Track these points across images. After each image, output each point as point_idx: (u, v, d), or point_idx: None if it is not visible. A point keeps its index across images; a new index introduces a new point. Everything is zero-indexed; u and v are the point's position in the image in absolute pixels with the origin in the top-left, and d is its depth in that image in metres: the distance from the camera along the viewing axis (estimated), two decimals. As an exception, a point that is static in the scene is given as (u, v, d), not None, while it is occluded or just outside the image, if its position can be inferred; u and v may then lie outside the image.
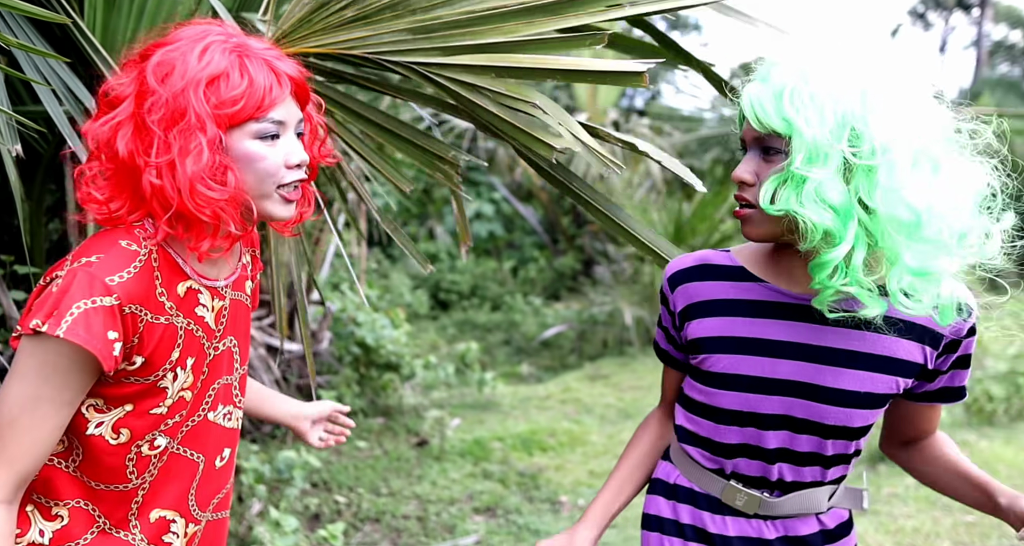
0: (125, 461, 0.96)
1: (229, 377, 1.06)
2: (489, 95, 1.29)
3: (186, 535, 1.05)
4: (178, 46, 0.90)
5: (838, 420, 0.99)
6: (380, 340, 3.93)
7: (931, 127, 0.90)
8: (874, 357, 0.98)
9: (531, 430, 4.08)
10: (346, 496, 3.15)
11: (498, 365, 6.07)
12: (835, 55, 0.92)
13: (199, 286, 0.98)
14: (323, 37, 1.42)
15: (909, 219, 0.86)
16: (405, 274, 7.58)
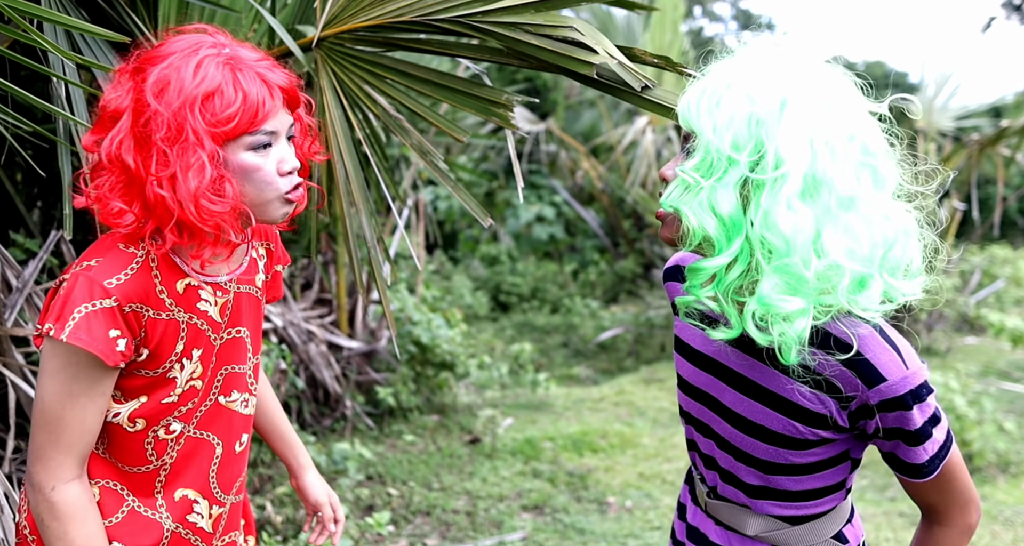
0: (144, 445, 1.04)
1: (241, 366, 1.11)
2: (531, 29, 1.37)
3: (211, 516, 1.11)
4: (171, 62, 0.92)
5: (740, 444, 0.98)
6: (435, 339, 4.03)
7: (850, 156, 0.84)
8: (766, 391, 0.94)
9: (582, 431, 4.10)
10: (399, 489, 3.25)
11: (555, 367, 6.11)
12: (773, 60, 0.87)
13: (199, 283, 1.03)
14: (372, 10, 1.51)
15: (777, 246, 0.82)
16: (467, 277, 7.71)
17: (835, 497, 1.00)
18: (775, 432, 0.95)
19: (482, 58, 1.55)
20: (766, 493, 0.99)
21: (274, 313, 3.31)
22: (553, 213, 8.11)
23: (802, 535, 1.00)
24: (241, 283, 1.10)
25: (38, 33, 1.29)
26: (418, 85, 1.55)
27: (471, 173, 5.61)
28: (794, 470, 0.96)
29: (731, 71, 0.87)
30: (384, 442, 3.75)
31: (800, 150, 0.82)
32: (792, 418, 0.93)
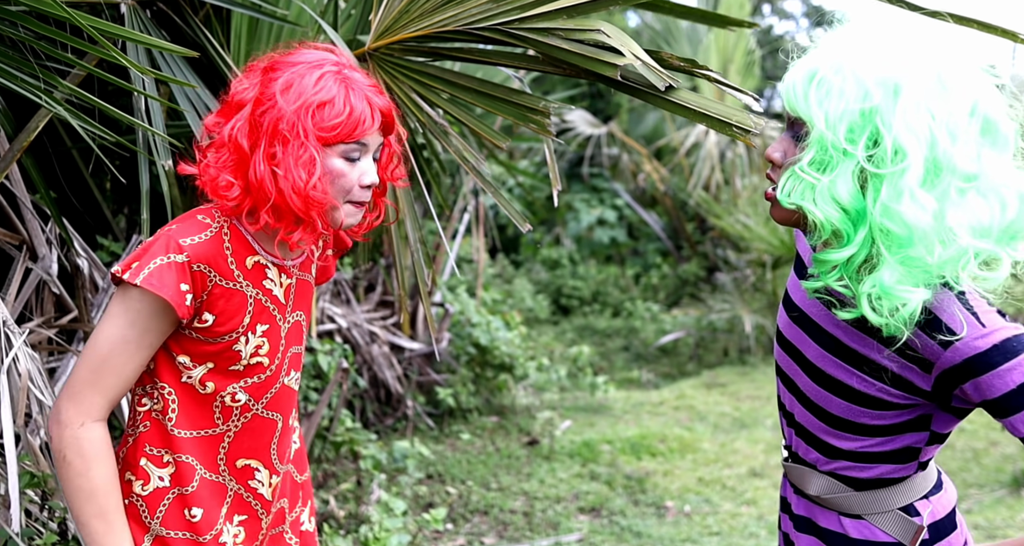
0: (212, 407, 1.14)
1: (299, 347, 1.22)
2: (562, 34, 1.44)
3: (270, 485, 1.21)
4: (299, 69, 1.07)
5: (816, 398, 0.97)
6: (494, 341, 4.08)
7: (971, 133, 0.81)
8: (849, 350, 0.93)
9: (641, 435, 4.07)
10: (457, 488, 3.31)
11: (616, 371, 6.08)
12: (882, 40, 0.83)
13: (267, 262, 1.14)
14: (420, 22, 1.59)
15: (900, 236, 0.81)
16: (528, 280, 7.75)
17: (904, 467, 0.96)
18: (852, 388, 0.93)
19: (519, 65, 1.61)
20: (831, 451, 0.97)
21: (338, 314, 3.43)
22: (615, 216, 8.08)
23: (865, 502, 0.97)
24: (302, 270, 1.21)
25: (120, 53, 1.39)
26: (460, 92, 1.61)
27: (532, 177, 5.65)
28: (863, 430, 0.94)
29: (838, 53, 0.84)
30: (444, 442, 3.82)
31: (919, 137, 0.80)
32: (866, 374, 0.91)
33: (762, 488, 3.43)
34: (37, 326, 1.82)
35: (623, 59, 1.37)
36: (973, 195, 0.82)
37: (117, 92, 2.12)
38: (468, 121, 1.64)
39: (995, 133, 0.83)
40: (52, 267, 1.83)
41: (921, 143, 0.80)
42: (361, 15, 2.26)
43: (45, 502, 1.63)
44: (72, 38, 1.40)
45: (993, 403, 0.84)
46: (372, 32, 1.65)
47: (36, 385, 1.48)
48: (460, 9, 1.55)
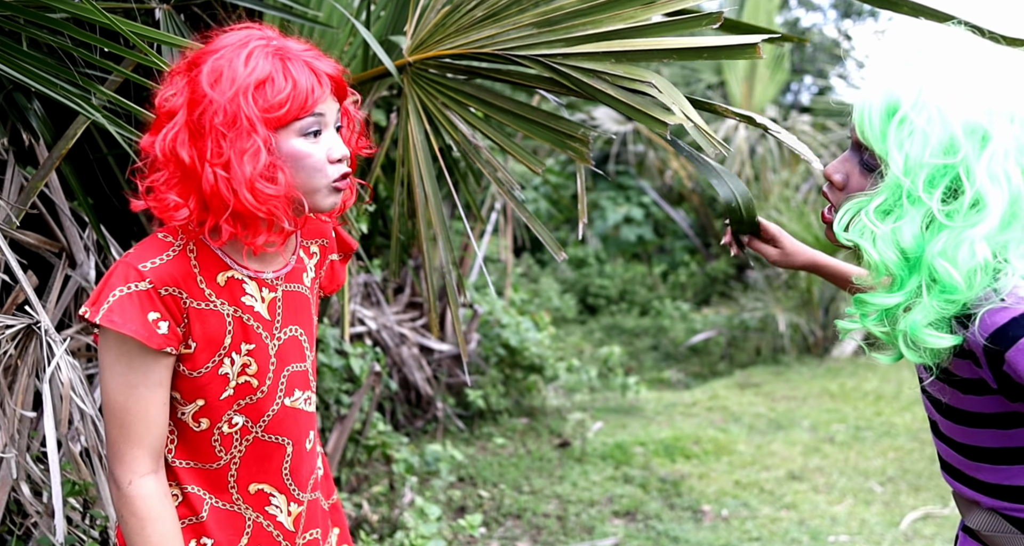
0: (211, 442, 1.06)
1: (301, 364, 1.11)
2: (608, 79, 1.36)
3: (290, 514, 1.11)
4: (223, 54, 0.95)
5: (947, 431, 0.93)
6: (524, 342, 4.05)
7: None
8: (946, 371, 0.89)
9: (675, 436, 4.01)
10: (489, 491, 3.28)
11: (645, 370, 6.01)
12: (966, 76, 0.78)
13: (242, 276, 1.04)
14: (456, 38, 1.54)
15: (949, 283, 0.78)
16: (554, 279, 7.71)
17: None
18: (952, 407, 0.89)
19: (559, 91, 1.55)
20: (977, 484, 0.92)
21: (367, 316, 3.42)
22: (641, 214, 8.00)
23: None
24: (289, 281, 1.10)
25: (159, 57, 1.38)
26: (497, 114, 1.56)
27: (558, 175, 5.61)
28: (994, 457, 0.88)
29: (919, 87, 0.78)
30: (475, 444, 3.80)
31: (1003, 189, 0.76)
32: (953, 386, 0.88)
33: (801, 492, 3.36)
34: (76, 333, 1.82)
35: (672, 117, 1.29)
36: None
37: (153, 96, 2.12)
38: (503, 143, 1.60)
39: None
40: (90, 273, 1.83)
41: (1004, 195, 0.76)
42: (392, 15, 2.23)
43: (87, 510, 1.63)
44: (110, 43, 1.39)
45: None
46: (407, 45, 1.61)
47: (77, 393, 1.47)
48: (498, 30, 1.49)
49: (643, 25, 1.36)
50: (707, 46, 1.29)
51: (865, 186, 0.85)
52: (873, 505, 3.25)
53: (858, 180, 0.86)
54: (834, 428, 4.21)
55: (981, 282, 0.79)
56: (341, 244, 1.23)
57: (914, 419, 4.37)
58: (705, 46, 1.29)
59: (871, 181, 0.84)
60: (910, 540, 2.93)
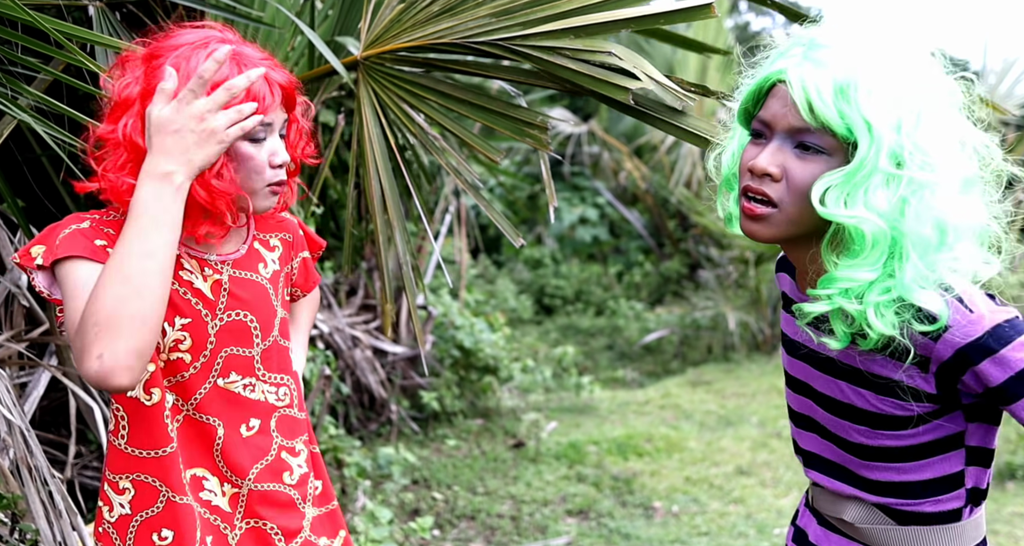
0: (164, 418, 1.05)
1: (247, 349, 1.12)
2: (568, 54, 1.39)
3: (225, 494, 1.11)
4: (182, 52, 0.99)
5: (836, 429, 0.93)
6: (478, 343, 4.05)
7: (974, 145, 0.85)
8: (847, 368, 0.90)
9: (628, 435, 4.06)
10: (443, 493, 3.28)
11: (600, 370, 6.07)
12: (890, 47, 0.83)
13: (181, 253, 1.06)
14: (413, 32, 1.54)
15: (932, 240, 0.81)
16: (510, 280, 7.73)
17: (950, 498, 0.89)
18: (859, 409, 0.89)
19: (518, 80, 1.57)
20: (863, 483, 0.92)
21: (319, 319, 3.38)
22: (596, 215, 8.08)
23: (906, 539, 0.90)
24: (238, 268, 1.12)
25: (88, 57, 1.34)
26: (455, 104, 1.57)
27: (513, 177, 5.63)
28: (894, 455, 0.89)
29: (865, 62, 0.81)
30: (429, 446, 3.79)
31: (950, 144, 0.82)
32: (873, 391, 0.88)
33: (749, 486, 3.44)
34: (6, 340, 1.76)
35: (635, 82, 1.33)
36: (976, 199, 0.84)
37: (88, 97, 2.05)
38: (463, 135, 1.61)
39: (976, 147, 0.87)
40: (21, 279, 1.78)
41: (950, 150, 0.81)
42: (339, 15, 2.21)
43: (15, 524, 1.57)
44: (37, 42, 1.35)
45: (995, 391, 0.81)
46: (362, 41, 1.60)
47: (4, 404, 1.43)
48: (456, 21, 1.50)
49: (597, 2, 1.39)
50: (663, 11, 1.33)
51: (807, 172, 0.83)
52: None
53: (800, 168, 0.84)
54: (781, 424, 4.32)
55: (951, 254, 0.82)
56: (310, 243, 1.26)
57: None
58: (661, 12, 1.33)
59: (814, 165, 0.84)
60: (851, 531, 3.02)
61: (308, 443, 1.21)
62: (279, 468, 1.15)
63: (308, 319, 1.35)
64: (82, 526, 1.52)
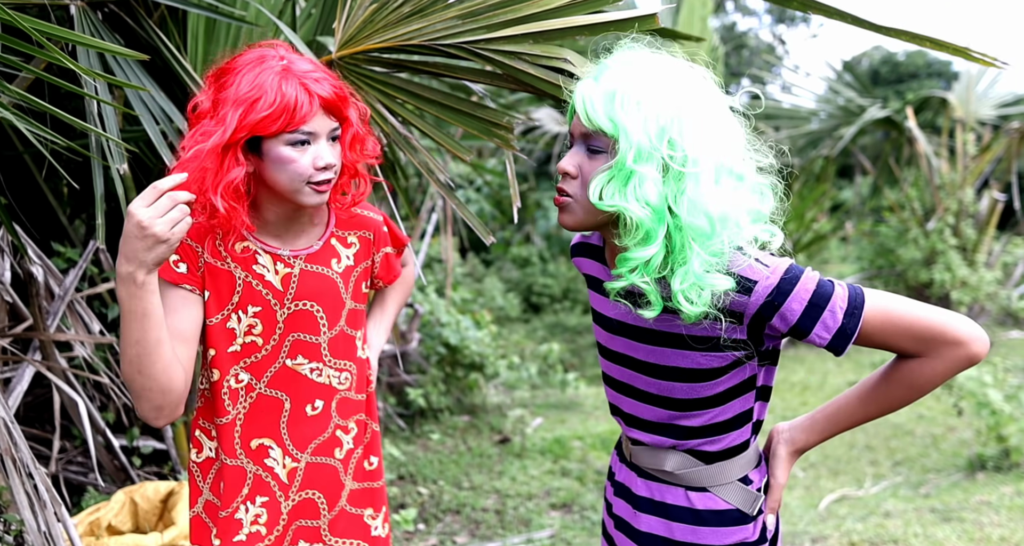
0: (221, 394, 1.24)
1: (313, 336, 1.26)
2: (528, 59, 1.48)
3: (285, 466, 1.27)
4: (242, 71, 1.12)
5: (659, 390, 1.07)
6: (464, 341, 4.09)
7: (732, 144, 0.99)
8: (670, 335, 1.04)
9: (611, 430, 4.11)
10: (429, 488, 3.31)
11: (587, 367, 6.12)
12: (658, 67, 1.00)
13: (256, 248, 1.22)
14: (384, 33, 1.60)
15: (704, 229, 0.95)
16: (498, 279, 7.77)
17: (743, 432, 1.08)
18: (684, 368, 1.04)
19: (483, 82, 1.63)
20: (683, 432, 1.08)
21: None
22: (584, 214, 8.10)
23: (713, 474, 1.09)
24: (310, 262, 1.26)
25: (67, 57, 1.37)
26: (425, 105, 1.62)
27: (499, 176, 5.66)
28: (706, 403, 1.06)
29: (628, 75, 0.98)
30: (415, 442, 3.82)
31: (706, 143, 0.96)
32: (696, 349, 1.02)
33: (730, 479, 3.49)
34: (-10, 335, 1.79)
35: None
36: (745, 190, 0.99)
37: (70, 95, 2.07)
38: (432, 133, 1.65)
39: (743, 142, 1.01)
40: (5, 275, 1.80)
41: (707, 148, 0.96)
42: (321, 15, 2.24)
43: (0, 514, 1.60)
44: (19, 41, 1.37)
45: (796, 327, 0.97)
46: (336, 41, 1.64)
47: (-11, 396, 1.45)
48: (425, 23, 1.55)
49: (556, 7, 1.47)
50: (612, 20, 1.43)
51: (593, 169, 1.00)
52: (795, 489, 3.40)
53: (589, 166, 1.01)
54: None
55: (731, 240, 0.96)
56: (394, 239, 1.37)
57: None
58: (610, 20, 1.43)
59: (598, 162, 1.00)
60: (824, 520, 3.08)
61: (365, 421, 1.34)
62: (332, 444, 1.30)
63: (395, 302, 1.47)
64: (66, 517, 1.55)
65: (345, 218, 1.30)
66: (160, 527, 1.89)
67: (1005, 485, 3.25)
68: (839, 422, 1.07)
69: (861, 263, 7.56)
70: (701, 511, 1.08)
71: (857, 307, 0.97)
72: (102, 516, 1.85)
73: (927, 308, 0.98)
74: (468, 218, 1.61)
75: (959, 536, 2.73)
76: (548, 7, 1.47)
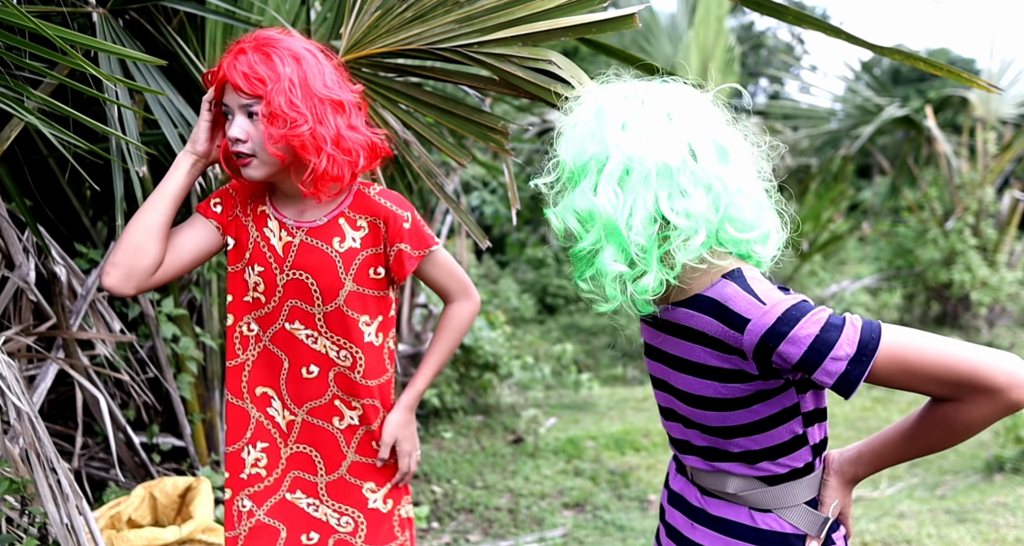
0: (233, 338, 1.38)
1: (308, 306, 1.34)
2: (516, 61, 1.53)
3: (284, 418, 1.38)
4: None
5: (696, 418, 1.04)
6: (478, 341, 4.11)
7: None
8: (689, 363, 1.01)
9: (625, 430, 4.11)
10: (442, 487, 3.34)
11: (601, 368, 6.12)
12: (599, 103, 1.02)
13: (270, 213, 1.35)
14: (387, 38, 1.64)
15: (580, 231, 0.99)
16: (513, 280, 7.79)
17: (800, 455, 1.02)
18: (709, 398, 1.01)
19: (478, 86, 1.66)
20: (729, 456, 1.04)
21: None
22: (599, 215, 8.10)
23: (778, 496, 1.03)
24: (312, 235, 1.33)
25: (89, 63, 1.41)
26: (424, 109, 1.66)
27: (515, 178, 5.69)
28: (747, 430, 1.01)
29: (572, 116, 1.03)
30: (429, 442, 3.85)
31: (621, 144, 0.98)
32: (713, 379, 0.99)
33: (744, 480, 3.48)
34: (15, 334, 1.84)
35: (572, 90, 1.45)
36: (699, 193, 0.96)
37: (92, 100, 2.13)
38: (431, 136, 1.69)
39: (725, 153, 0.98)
40: (29, 275, 1.85)
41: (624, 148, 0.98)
42: (336, 19, 2.28)
43: (24, 507, 1.65)
44: (42, 48, 1.42)
45: (798, 366, 0.92)
46: (343, 45, 1.68)
47: (13, 392, 1.50)
48: (425, 27, 1.59)
49: (546, 9, 1.52)
50: (594, 21, 1.49)
51: None
52: (811, 491, 3.37)
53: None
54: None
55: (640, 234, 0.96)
56: (417, 239, 1.36)
57: (852, 409, 4.55)
58: (593, 21, 1.49)
59: None
60: (842, 522, 3.06)
61: (377, 408, 1.37)
62: (330, 412, 1.37)
63: (442, 347, 1.43)
64: (87, 510, 1.59)
65: (365, 201, 1.34)
66: (178, 521, 1.93)
67: (1022, 486, 3.21)
68: (885, 457, 1.01)
69: (879, 264, 7.49)
70: (764, 531, 1.03)
71: (867, 353, 0.89)
72: (122, 510, 1.89)
73: (958, 349, 0.89)
74: (464, 221, 1.65)
75: (973, 537, 2.70)
76: (537, 10, 1.52)
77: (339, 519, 1.38)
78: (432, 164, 1.68)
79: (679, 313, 1.01)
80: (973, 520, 2.87)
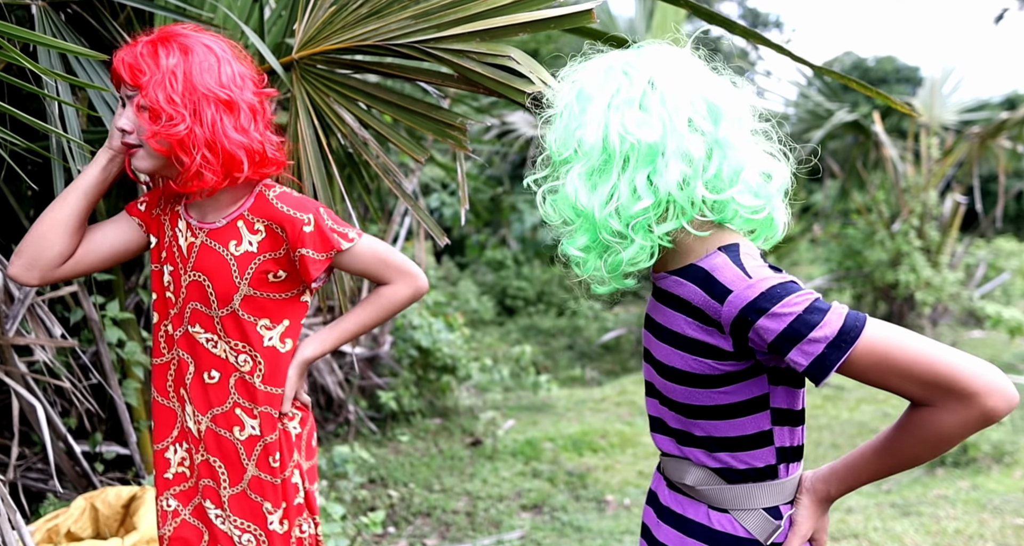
0: (158, 337, 1.37)
1: (207, 309, 1.33)
2: (474, 57, 1.51)
3: (195, 424, 1.36)
4: None
5: (666, 391, 1.03)
6: (436, 343, 4.08)
7: None
8: (667, 330, 1.01)
9: (583, 431, 4.14)
10: (399, 491, 3.31)
11: (560, 369, 6.15)
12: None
13: (181, 213, 1.35)
14: (343, 34, 1.61)
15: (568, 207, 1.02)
16: (473, 282, 7.77)
17: (762, 454, 1.00)
18: (680, 370, 0.99)
19: (436, 83, 1.65)
20: (692, 440, 1.03)
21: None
22: (558, 216, 8.13)
23: (737, 497, 1.01)
24: (211, 237, 1.32)
25: (26, 57, 1.36)
26: (381, 106, 1.64)
27: (475, 179, 5.66)
28: (711, 413, 1.00)
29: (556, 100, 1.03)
30: (387, 445, 3.81)
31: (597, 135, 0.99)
32: (686, 351, 0.98)
33: (699, 479, 3.53)
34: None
35: (531, 86, 1.44)
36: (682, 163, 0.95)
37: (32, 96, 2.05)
38: (388, 134, 1.67)
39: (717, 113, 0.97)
40: (-37, 278, 1.77)
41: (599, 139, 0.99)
42: (291, 17, 2.24)
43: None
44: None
45: (772, 345, 0.91)
46: (296, 42, 1.65)
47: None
48: (381, 23, 1.57)
49: (502, 4, 1.51)
50: (551, 17, 1.49)
51: None
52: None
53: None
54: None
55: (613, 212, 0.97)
56: (321, 241, 1.31)
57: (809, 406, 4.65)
58: (550, 17, 1.49)
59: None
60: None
61: (279, 419, 1.35)
62: (231, 420, 1.33)
63: (355, 319, 1.38)
64: (22, 524, 1.53)
65: (263, 204, 1.31)
66: (121, 533, 1.87)
67: (962, 480, 3.33)
68: (859, 473, 0.98)
69: (830, 265, 7.69)
70: (718, 532, 1.01)
71: (847, 340, 0.88)
72: (61, 523, 1.82)
73: (938, 350, 0.87)
74: (423, 219, 1.63)
75: (917, 529, 2.79)
76: (494, 5, 1.51)
77: (240, 536, 1.34)
78: (390, 162, 1.66)
79: (670, 281, 1.01)
80: (916, 513, 2.96)
